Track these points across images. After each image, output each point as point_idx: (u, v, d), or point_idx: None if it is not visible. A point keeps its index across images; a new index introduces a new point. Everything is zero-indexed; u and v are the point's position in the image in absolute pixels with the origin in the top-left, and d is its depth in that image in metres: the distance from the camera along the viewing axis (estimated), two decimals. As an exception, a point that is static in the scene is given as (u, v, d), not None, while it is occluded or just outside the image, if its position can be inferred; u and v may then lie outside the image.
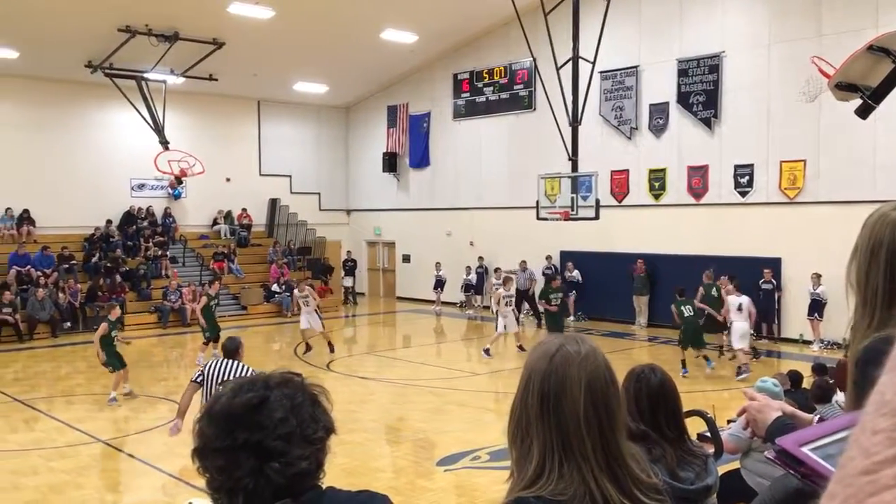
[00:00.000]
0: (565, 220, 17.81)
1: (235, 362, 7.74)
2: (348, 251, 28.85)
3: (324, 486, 1.73)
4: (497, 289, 18.65)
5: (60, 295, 20.73)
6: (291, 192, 28.66)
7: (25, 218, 23.12)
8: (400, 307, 26.48)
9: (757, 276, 17.87)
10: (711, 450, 3.39)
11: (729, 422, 6.50)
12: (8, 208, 22.89)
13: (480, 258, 24.64)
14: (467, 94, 25.46)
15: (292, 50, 23.34)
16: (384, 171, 28.10)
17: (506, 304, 16.81)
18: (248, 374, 7.20)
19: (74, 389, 14.23)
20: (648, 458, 1.76)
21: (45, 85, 23.16)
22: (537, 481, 1.62)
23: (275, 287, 24.71)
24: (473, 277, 24.53)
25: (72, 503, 8.27)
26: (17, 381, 14.92)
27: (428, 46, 24.38)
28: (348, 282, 27.71)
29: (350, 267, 27.95)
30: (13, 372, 16.04)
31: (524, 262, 22.47)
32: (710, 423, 3.97)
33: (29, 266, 21.44)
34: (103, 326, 13.00)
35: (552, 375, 1.65)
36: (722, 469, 4.25)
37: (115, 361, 12.88)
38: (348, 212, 30.31)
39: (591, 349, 1.72)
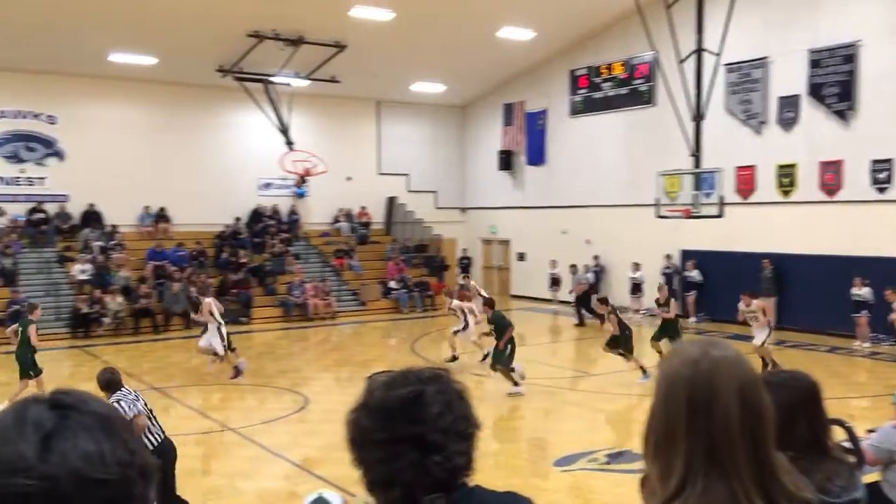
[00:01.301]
0: (686, 217, 17.28)
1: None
2: (464, 249, 29.05)
3: (471, 484, 1.73)
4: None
5: (193, 289, 21.83)
6: (408, 191, 29.13)
7: (162, 216, 24.52)
8: (515, 305, 26.43)
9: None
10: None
11: (869, 431, 6.13)
12: (146, 206, 24.34)
13: (596, 257, 24.28)
14: (584, 91, 25.11)
15: (411, 50, 23.71)
16: (500, 169, 28.13)
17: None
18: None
19: (205, 379, 14.97)
20: (796, 469, 1.65)
21: (180, 89, 24.47)
22: (679, 494, 1.53)
23: (392, 284, 25.17)
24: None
25: (201, 489, 8.66)
26: (155, 371, 15.84)
27: (545, 43, 24.20)
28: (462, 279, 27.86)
29: (465, 265, 28.14)
30: (151, 361, 17.05)
31: (574, 265, 23.83)
32: (851, 432, 3.75)
33: (165, 261, 22.72)
34: (33, 329, 11.99)
35: (700, 381, 1.55)
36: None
37: (34, 368, 11.97)
38: (464, 210, 30.51)
39: (737, 353, 1.62)
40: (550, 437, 10.97)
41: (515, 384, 13.14)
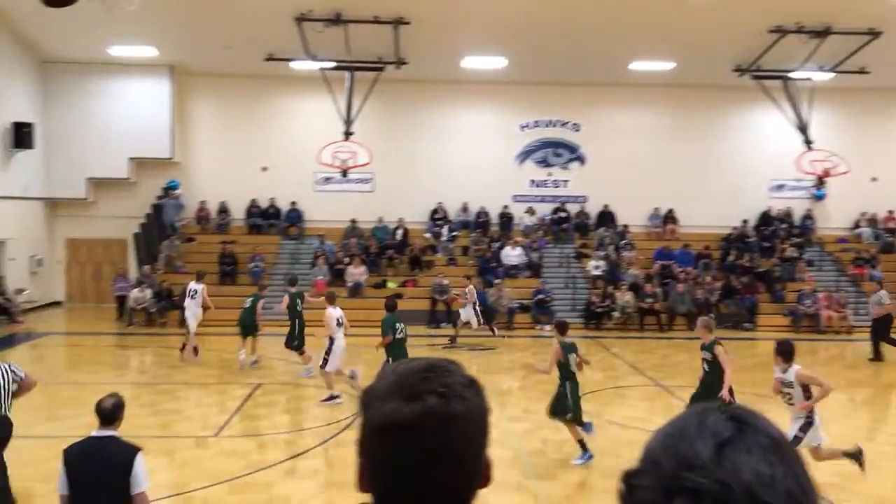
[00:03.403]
0: None
1: None
2: None
3: None
4: None
5: (698, 290, 21.90)
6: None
7: (670, 217, 25.09)
8: None
9: None
10: None
11: None
12: (656, 207, 25.15)
13: None
14: None
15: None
16: None
17: None
18: None
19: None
20: None
21: (694, 92, 24.67)
22: None
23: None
24: None
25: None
26: (657, 368, 16.29)
27: None
28: None
29: None
30: (657, 358, 17.58)
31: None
32: None
33: (671, 261, 23.21)
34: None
35: None
36: None
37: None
38: None
39: None
40: None
41: None
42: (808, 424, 8.17)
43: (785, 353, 8.27)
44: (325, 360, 12.25)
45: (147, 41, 21.81)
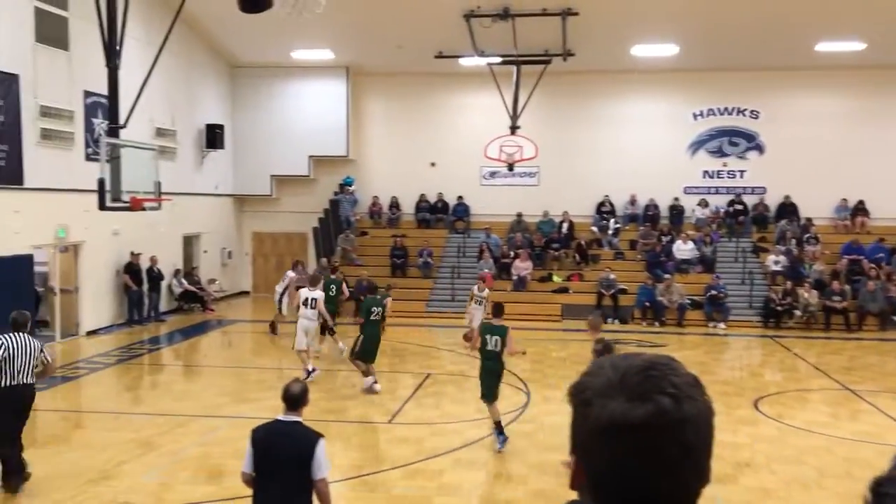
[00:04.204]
0: None
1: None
2: None
3: None
4: None
5: (892, 288, 20.19)
6: None
7: (860, 208, 23.27)
8: None
9: None
10: None
11: None
12: (843, 199, 23.41)
13: None
14: None
15: None
16: None
17: None
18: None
19: (905, 389, 13.74)
20: None
21: (886, 73, 22.72)
22: None
23: None
24: None
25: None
26: (847, 371, 15.19)
27: None
28: None
29: None
30: (844, 360, 16.40)
31: None
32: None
33: (861, 256, 21.53)
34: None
35: None
36: None
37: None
38: None
39: None
40: None
41: None
42: None
43: None
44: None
45: (325, 44, 22.90)
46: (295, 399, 5.40)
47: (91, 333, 17.73)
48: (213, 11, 19.89)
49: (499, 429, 9.69)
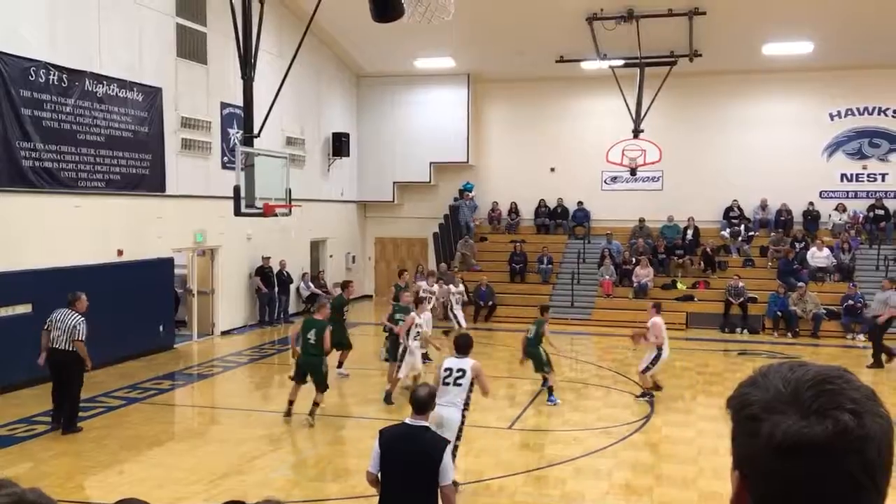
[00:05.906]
0: None
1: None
2: None
3: None
4: None
5: None
6: None
7: None
8: None
9: None
10: None
11: None
12: None
13: None
14: None
15: None
16: None
17: None
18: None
19: None
20: None
21: None
22: None
23: None
24: None
25: None
26: None
27: None
28: None
29: None
30: None
31: None
32: None
33: None
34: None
35: None
36: None
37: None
38: None
39: None
40: None
41: None
42: None
43: None
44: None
45: (447, 52, 23.19)
46: (422, 403, 5.46)
47: (225, 333, 18.63)
48: (342, 24, 20.54)
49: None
